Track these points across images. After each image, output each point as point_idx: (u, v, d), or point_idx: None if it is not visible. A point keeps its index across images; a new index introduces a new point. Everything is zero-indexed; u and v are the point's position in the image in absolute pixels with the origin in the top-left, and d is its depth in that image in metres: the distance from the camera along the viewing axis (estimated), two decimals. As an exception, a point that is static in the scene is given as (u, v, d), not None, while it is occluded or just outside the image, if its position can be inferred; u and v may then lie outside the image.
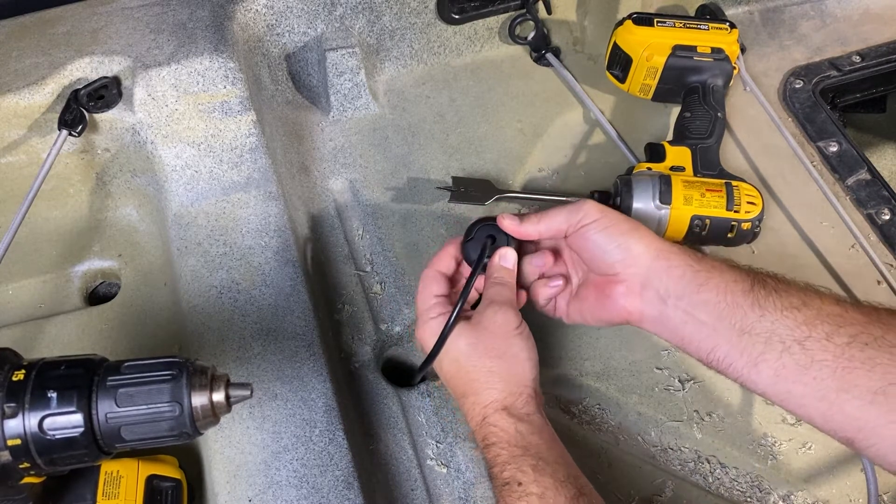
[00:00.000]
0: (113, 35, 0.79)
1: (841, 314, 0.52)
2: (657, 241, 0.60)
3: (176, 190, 0.75)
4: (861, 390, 0.50)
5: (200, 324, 0.67)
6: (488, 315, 0.62)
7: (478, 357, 0.61)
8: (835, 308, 0.53)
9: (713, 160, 0.80)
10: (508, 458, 0.57)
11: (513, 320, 0.62)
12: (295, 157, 0.85)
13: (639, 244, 0.60)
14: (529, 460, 0.56)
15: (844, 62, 0.97)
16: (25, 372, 0.45)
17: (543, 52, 0.95)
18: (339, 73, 0.88)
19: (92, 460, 0.46)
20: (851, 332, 0.51)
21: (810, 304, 0.53)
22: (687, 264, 0.58)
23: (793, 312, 0.53)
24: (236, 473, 0.60)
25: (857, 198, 0.85)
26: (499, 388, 0.60)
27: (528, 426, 0.58)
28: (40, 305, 0.78)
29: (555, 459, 0.57)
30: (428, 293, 0.65)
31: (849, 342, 0.51)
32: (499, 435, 0.58)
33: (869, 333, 0.50)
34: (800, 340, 0.52)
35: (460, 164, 0.87)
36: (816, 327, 0.52)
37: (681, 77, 0.85)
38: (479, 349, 0.61)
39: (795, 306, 0.53)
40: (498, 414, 0.59)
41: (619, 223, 0.61)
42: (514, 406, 0.59)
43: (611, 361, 0.74)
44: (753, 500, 0.69)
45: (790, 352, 0.53)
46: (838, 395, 0.51)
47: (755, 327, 0.54)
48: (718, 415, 0.72)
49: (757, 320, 0.54)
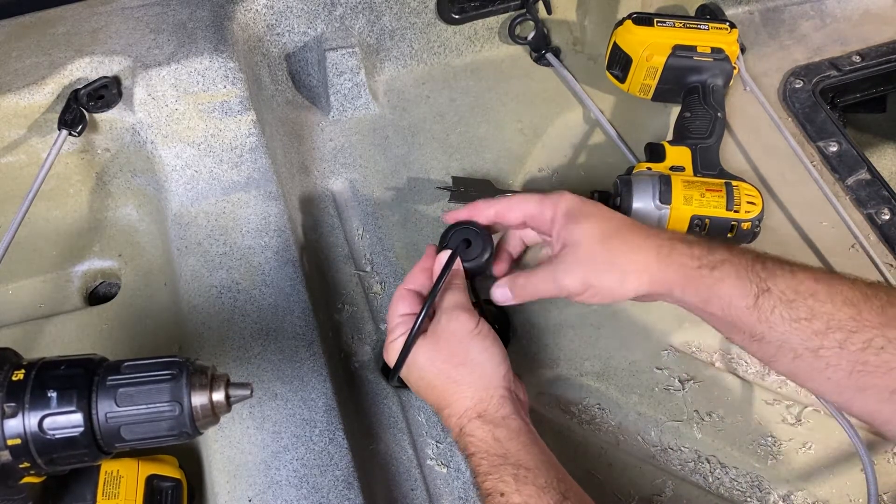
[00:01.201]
0: (113, 35, 0.79)
1: (854, 317, 0.50)
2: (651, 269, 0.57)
3: (176, 190, 0.75)
4: (878, 389, 0.49)
5: (200, 324, 0.67)
6: (442, 323, 0.61)
7: (438, 369, 0.60)
8: (847, 311, 0.51)
9: (713, 160, 0.80)
10: (489, 467, 0.56)
11: (467, 323, 0.60)
12: (295, 157, 0.85)
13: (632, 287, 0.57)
14: (510, 469, 0.55)
15: (844, 62, 0.97)
16: (25, 372, 0.45)
17: (543, 52, 0.95)
18: (339, 73, 0.88)
19: (92, 460, 0.46)
20: (866, 338, 0.50)
21: (820, 313, 0.51)
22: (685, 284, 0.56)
23: (801, 324, 0.52)
24: (236, 473, 0.60)
25: (857, 198, 0.85)
26: (468, 395, 0.59)
27: (506, 431, 0.58)
28: (40, 305, 0.78)
29: (535, 465, 0.56)
30: (393, 312, 0.63)
31: (863, 348, 0.50)
32: (477, 445, 0.57)
33: (884, 336, 0.49)
34: (812, 349, 0.52)
35: (460, 164, 0.87)
36: (828, 336, 0.51)
37: (681, 77, 0.85)
38: (439, 361, 0.60)
39: (804, 317, 0.52)
40: (473, 423, 0.58)
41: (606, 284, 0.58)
42: (488, 411, 0.59)
43: (611, 361, 0.74)
44: (753, 500, 0.69)
45: (802, 358, 0.52)
46: (855, 394, 0.51)
47: (765, 336, 0.53)
48: (718, 415, 0.72)
49: (766, 332, 0.53)
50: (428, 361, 0.60)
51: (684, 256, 0.57)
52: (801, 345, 0.52)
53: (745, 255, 0.56)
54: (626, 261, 0.57)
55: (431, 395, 0.61)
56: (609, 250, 0.58)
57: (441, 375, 0.60)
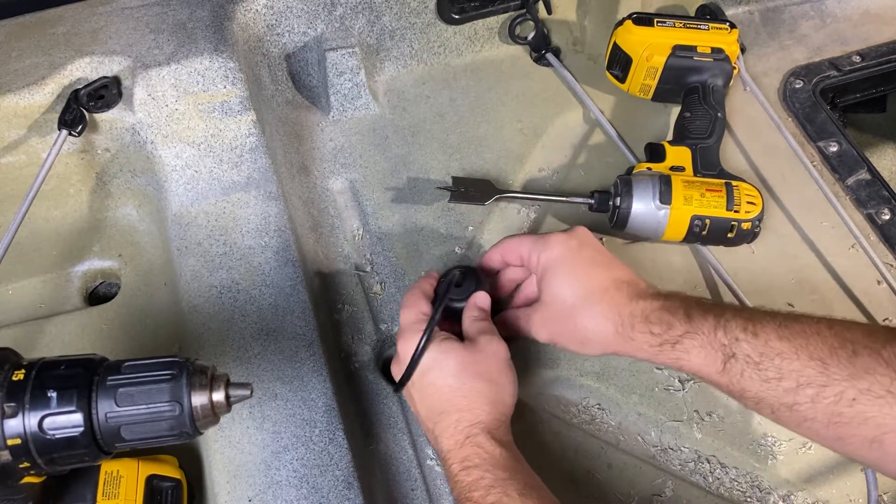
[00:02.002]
0: (113, 35, 0.79)
1: (822, 372, 0.51)
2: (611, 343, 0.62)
3: (176, 190, 0.75)
4: (858, 439, 0.50)
5: (200, 324, 0.67)
6: (482, 342, 0.63)
7: (469, 377, 0.61)
8: (815, 367, 0.51)
9: (713, 160, 0.80)
10: (493, 481, 0.56)
11: (505, 351, 0.64)
12: (295, 157, 0.85)
13: (595, 350, 0.63)
14: (516, 485, 0.55)
15: (844, 62, 0.97)
16: (25, 372, 0.45)
17: (543, 52, 0.95)
18: (339, 73, 0.88)
19: (92, 460, 0.46)
20: (836, 391, 0.50)
21: (788, 371, 0.52)
22: (651, 356, 0.59)
23: (772, 384, 0.53)
24: (236, 473, 0.60)
25: (857, 198, 0.85)
26: (486, 410, 0.60)
27: (510, 453, 0.59)
28: (40, 305, 0.78)
29: (539, 485, 0.57)
30: (416, 310, 0.65)
31: (836, 401, 0.50)
32: (483, 457, 0.58)
33: (854, 388, 0.50)
34: (787, 405, 0.53)
35: (460, 164, 0.87)
36: (800, 392, 0.52)
37: (681, 77, 0.85)
38: (471, 370, 0.61)
39: (774, 377, 0.53)
40: (483, 436, 0.59)
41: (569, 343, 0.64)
42: (497, 431, 0.60)
43: (611, 361, 0.74)
44: (753, 500, 0.69)
45: (780, 412, 0.54)
46: (836, 442, 0.52)
47: (743, 394, 0.55)
48: (718, 415, 0.72)
49: (741, 392, 0.55)
50: (461, 366, 0.61)
51: (645, 335, 0.59)
52: (776, 401, 0.53)
53: (705, 320, 0.57)
54: (590, 332, 0.62)
55: (442, 398, 0.61)
56: (574, 318, 0.63)
57: (468, 382, 0.61)
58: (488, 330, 0.65)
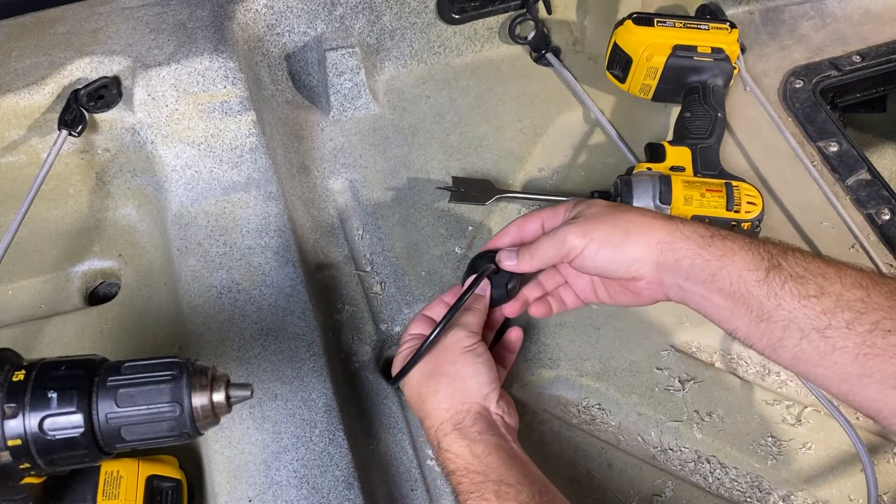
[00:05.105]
0: (113, 35, 0.79)
1: (863, 299, 0.50)
2: (658, 234, 0.57)
3: (176, 190, 0.75)
4: (883, 375, 0.49)
5: (200, 324, 0.67)
6: (442, 338, 0.63)
7: (427, 380, 0.62)
8: (856, 293, 0.50)
9: (713, 160, 0.80)
10: (469, 486, 0.56)
11: (463, 339, 0.63)
12: (295, 157, 0.85)
13: (637, 249, 0.57)
14: (491, 486, 0.55)
15: (844, 62, 0.97)
16: (25, 372, 0.45)
17: (543, 52, 0.95)
18: (339, 73, 0.88)
19: (92, 461, 0.46)
20: (873, 319, 0.49)
21: (829, 292, 0.51)
22: (695, 253, 0.56)
23: (811, 301, 0.51)
24: (236, 473, 0.60)
25: (857, 198, 0.85)
26: (444, 406, 0.60)
27: (484, 446, 0.58)
28: (40, 305, 0.78)
29: (517, 480, 0.56)
30: (408, 332, 0.67)
31: (870, 329, 0.49)
32: (456, 462, 0.58)
33: (892, 319, 0.49)
34: (819, 329, 0.51)
35: (460, 164, 0.87)
36: (836, 316, 0.50)
37: (681, 77, 0.85)
38: (427, 372, 0.62)
39: (814, 294, 0.51)
40: (450, 437, 0.59)
41: (609, 238, 0.58)
42: (464, 424, 0.59)
43: (611, 361, 0.74)
44: (753, 500, 0.69)
45: (809, 339, 0.51)
46: (860, 380, 0.50)
47: (772, 315, 0.53)
48: (718, 415, 0.72)
49: (774, 309, 0.52)
50: (421, 374, 0.63)
51: (694, 227, 0.57)
52: (808, 324, 0.51)
53: (753, 236, 0.56)
54: (631, 224, 0.58)
55: (417, 408, 0.63)
56: (614, 216, 0.59)
57: (427, 385, 0.62)
58: (458, 322, 0.64)
